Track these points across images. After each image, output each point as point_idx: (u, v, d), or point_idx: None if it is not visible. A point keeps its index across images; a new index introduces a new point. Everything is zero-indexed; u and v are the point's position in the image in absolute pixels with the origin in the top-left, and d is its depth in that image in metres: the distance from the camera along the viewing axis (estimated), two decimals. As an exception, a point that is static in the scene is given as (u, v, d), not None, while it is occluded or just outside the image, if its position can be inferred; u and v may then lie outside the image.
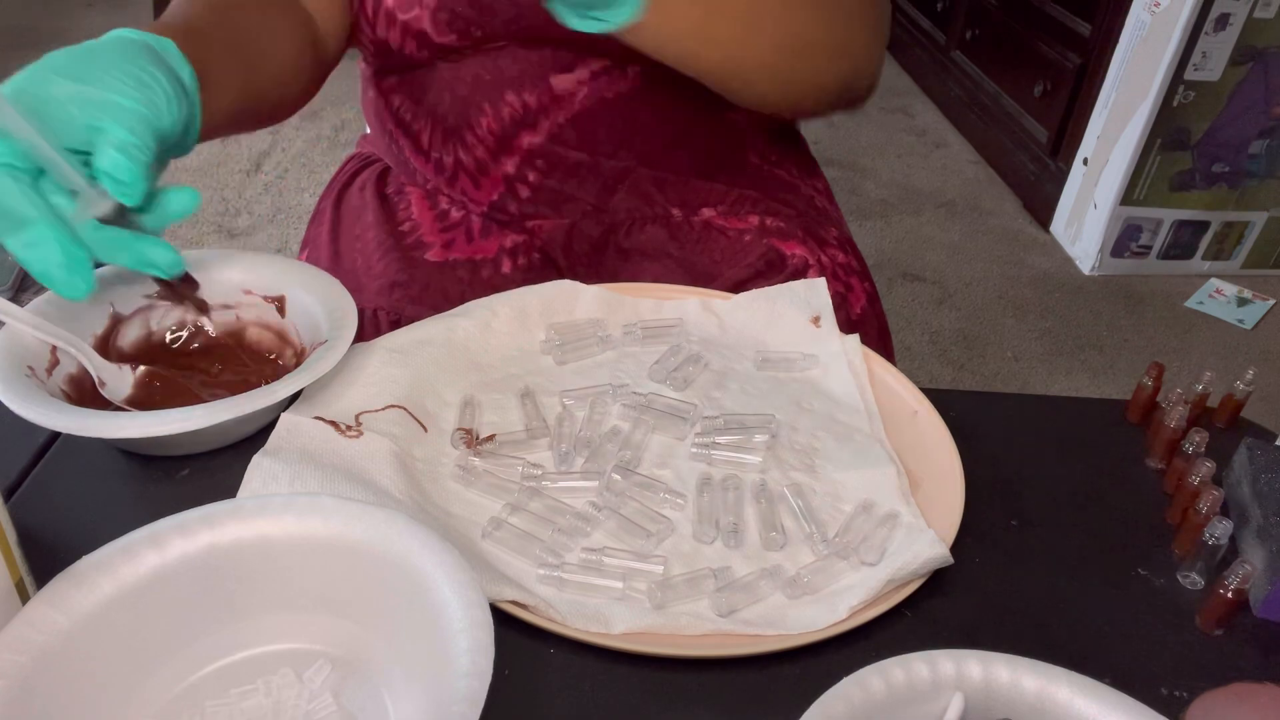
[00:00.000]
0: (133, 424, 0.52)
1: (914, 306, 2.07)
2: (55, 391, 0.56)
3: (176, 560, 0.44)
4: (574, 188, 0.82)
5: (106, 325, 0.61)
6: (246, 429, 0.58)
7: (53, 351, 0.58)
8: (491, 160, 0.81)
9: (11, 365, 0.55)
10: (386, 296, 0.78)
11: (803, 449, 0.60)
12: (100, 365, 0.58)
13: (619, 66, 0.78)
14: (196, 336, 0.65)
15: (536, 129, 0.80)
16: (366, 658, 0.45)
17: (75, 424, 0.51)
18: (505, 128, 0.80)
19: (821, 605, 0.50)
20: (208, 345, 0.65)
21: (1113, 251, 2.18)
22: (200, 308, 0.64)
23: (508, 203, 0.83)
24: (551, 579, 0.50)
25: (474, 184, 0.83)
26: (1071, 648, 0.50)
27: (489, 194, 0.83)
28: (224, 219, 2.18)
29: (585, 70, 0.78)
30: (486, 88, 0.79)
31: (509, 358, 0.66)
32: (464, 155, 0.82)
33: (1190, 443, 0.59)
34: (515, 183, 0.82)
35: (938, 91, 3.00)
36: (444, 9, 0.75)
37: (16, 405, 0.52)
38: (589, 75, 0.78)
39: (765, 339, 0.69)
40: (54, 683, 0.40)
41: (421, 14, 0.76)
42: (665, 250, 0.83)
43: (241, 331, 0.65)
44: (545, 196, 0.82)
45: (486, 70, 0.78)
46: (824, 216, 0.88)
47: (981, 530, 0.56)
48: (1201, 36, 1.90)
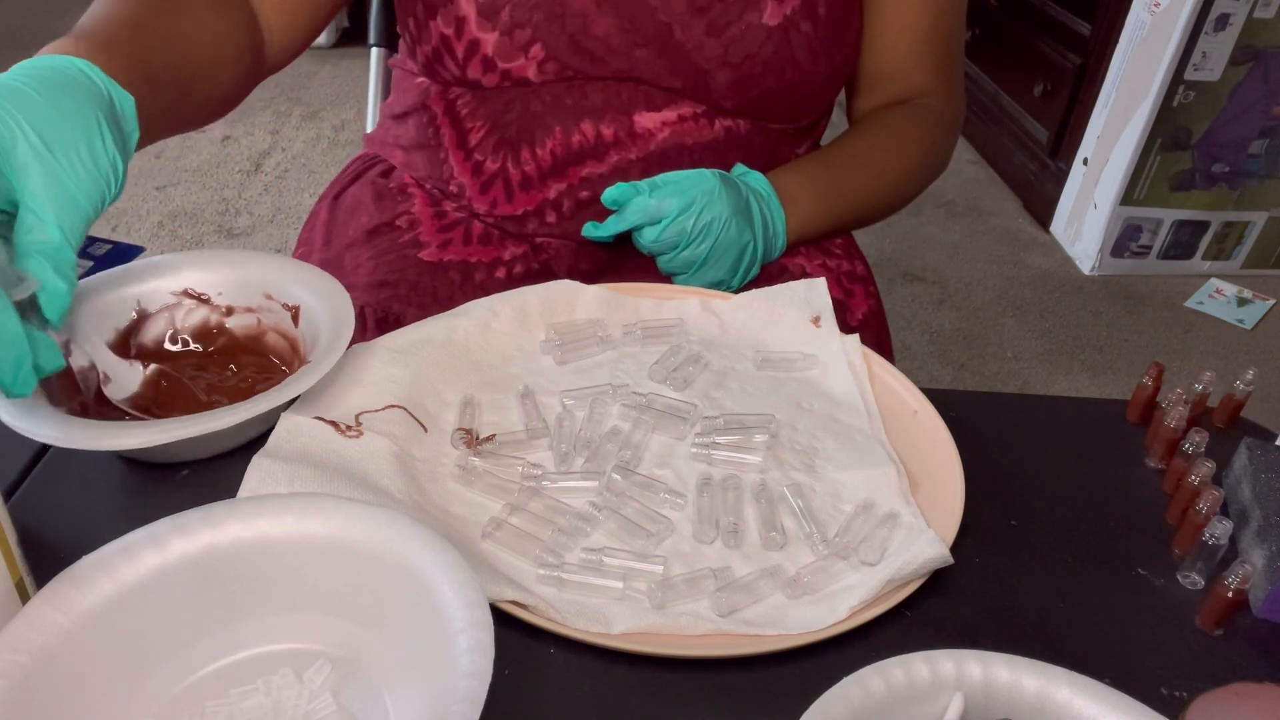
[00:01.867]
0: (127, 435, 0.51)
1: (914, 306, 2.07)
2: (54, 387, 0.56)
3: (176, 560, 0.44)
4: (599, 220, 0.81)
5: (131, 320, 0.62)
6: (240, 438, 0.57)
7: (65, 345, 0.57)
8: (539, 179, 0.79)
9: None
10: (374, 294, 0.78)
11: (803, 449, 0.60)
12: (110, 363, 0.58)
13: (708, 116, 0.79)
14: (219, 336, 0.64)
15: (603, 161, 0.78)
16: (366, 658, 0.45)
17: (64, 436, 0.50)
18: (570, 154, 0.78)
19: (821, 605, 0.50)
20: (228, 346, 0.64)
21: (1113, 251, 2.18)
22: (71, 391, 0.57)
23: (528, 220, 0.81)
24: (551, 579, 0.50)
25: (507, 195, 0.81)
26: (1071, 648, 0.50)
27: (516, 208, 0.81)
28: (224, 219, 2.18)
29: (673, 112, 0.78)
30: (565, 112, 0.77)
31: (509, 358, 0.66)
32: (512, 167, 0.80)
33: (1190, 443, 0.59)
34: (548, 208, 0.80)
35: (938, 91, 2.99)
36: (553, 59, 0.75)
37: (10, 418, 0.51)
38: (676, 118, 0.78)
39: (765, 339, 0.69)
40: (54, 683, 0.40)
41: (527, 64, 0.76)
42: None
43: (261, 336, 0.65)
44: (568, 226, 0.81)
45: (570, 95, 0.77)
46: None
47: (981, 530, 0.56)
48: (1201, 36, 1.90)
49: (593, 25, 0.75)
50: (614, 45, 0.75)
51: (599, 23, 0.75)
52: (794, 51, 0.77)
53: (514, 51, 0.75)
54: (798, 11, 0.76)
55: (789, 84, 0.78)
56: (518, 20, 0.74)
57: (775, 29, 0.76)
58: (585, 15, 0.74)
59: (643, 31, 0.75)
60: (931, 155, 0.88)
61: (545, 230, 0.81)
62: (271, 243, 2.11)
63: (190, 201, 2.23)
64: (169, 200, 2.22)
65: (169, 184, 2.28)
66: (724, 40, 0.75)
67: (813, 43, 0.77)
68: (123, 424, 0.53)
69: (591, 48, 0.75)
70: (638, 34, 0.75)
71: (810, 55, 0.77)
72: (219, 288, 0.64)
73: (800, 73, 0.78)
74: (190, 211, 2.19)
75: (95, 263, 1.24)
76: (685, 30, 0.75)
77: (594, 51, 0.75)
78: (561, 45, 0.75)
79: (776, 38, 0.76)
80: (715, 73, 0.76)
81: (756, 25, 0.75)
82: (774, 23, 0.76)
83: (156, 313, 0.63)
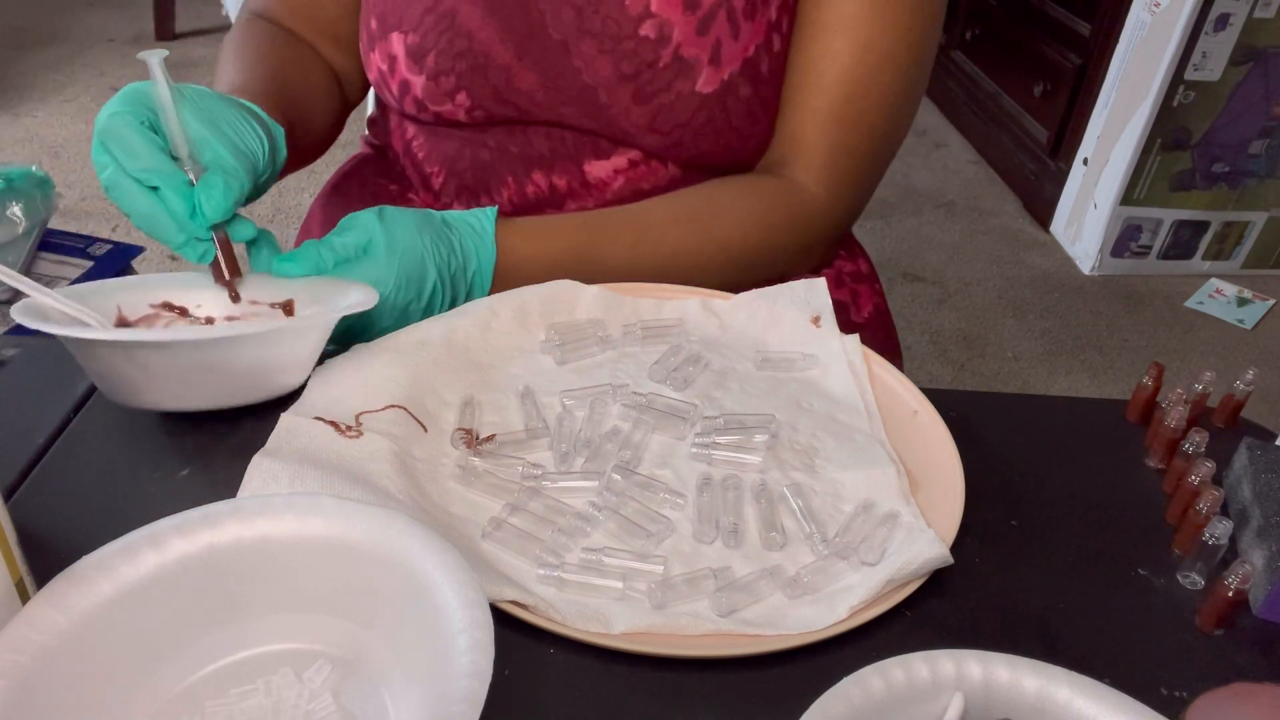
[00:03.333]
0: (134, 333, 0.54)
1: (914, 306, 2.07)
2: None
3: (176, 560, 0.44)
4: None
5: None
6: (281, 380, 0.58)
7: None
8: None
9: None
10: None
11: (803, 449, 0.60)
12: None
13: (659, 160, 0.75)
14: None
15: (562, 209, 0.77)
16: (366, 658, 0.45)
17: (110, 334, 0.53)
18: (527, 203, 0.77)
19: (821, 605, 0.50)
20: None
21: (1113, 251, 2.18)
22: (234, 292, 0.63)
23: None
24: (551, 579, 0.50)
25: None
26: (1071, 648, 0.50)
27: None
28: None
29: (623, 159, 0.75)
30: (512, 160, 0.76)
31: (509, 358, 0.66)
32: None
33: (1190, 443, 0.59)
34: None
35: (938, 91, 3.00)
36: (479, 108, 0.74)
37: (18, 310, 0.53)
38: (626, 164, 0.75)
39: (765, 339, 0.69)
40: (54, 683, 0.40)
41: (455, 109, 0.74)
42: None
43: None
44: None
45: (514, 142, 0.75)
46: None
47: (981, 530, 0.56)
48: (1201, 36, 1.90)
49: (516, 79, 0.73)
50: (539, 100, 0.73)
51: (522, 78, 0.73)
52: (730, 117, 0.73)
53: (441, 97, 0.74)
54: (737, 75, 0.71)
55: (727, 147, 0.74)
56: (442, 67, 0.73)
57: (710, 96, 0.71)
58: (508, 70, 0.73)
59: (566, 91, 0.73)
60: (766, 244, 0.74)
61: None
62: (271, 243, 2.11)
63: (190, 201, 2.23)
64: (169, 200, 2.22)
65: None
66: (651, 109, 0.72)
67: (752, 105, 0.73)
68: (175, 326, 0.58)
69: (516, 100, 0.74)
70: (561, 93, 0.73)
71: (748, 118, 0.73)
72: (198, 300, 0.64)
73: (738, 136, 0.74)
74: (190, 211, 2.19)
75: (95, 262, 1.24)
76: (610, 95, 0.72)
77: (519, 104, 0.74)
78: (486, 96, 0.73)
79: (711, 105, 0.72)
80: (643, 136, 0.73)
81: (688, 94, 0.71)
82: (709, 90, 0.71)
83: (135, 324, 0.62)
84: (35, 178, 1.03)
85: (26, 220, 0.93)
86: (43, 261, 0.93)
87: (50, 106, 2.57)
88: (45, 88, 2.65)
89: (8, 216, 0.91)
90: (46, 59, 2.79)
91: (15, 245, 0.89)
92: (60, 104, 2.58)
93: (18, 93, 2.62)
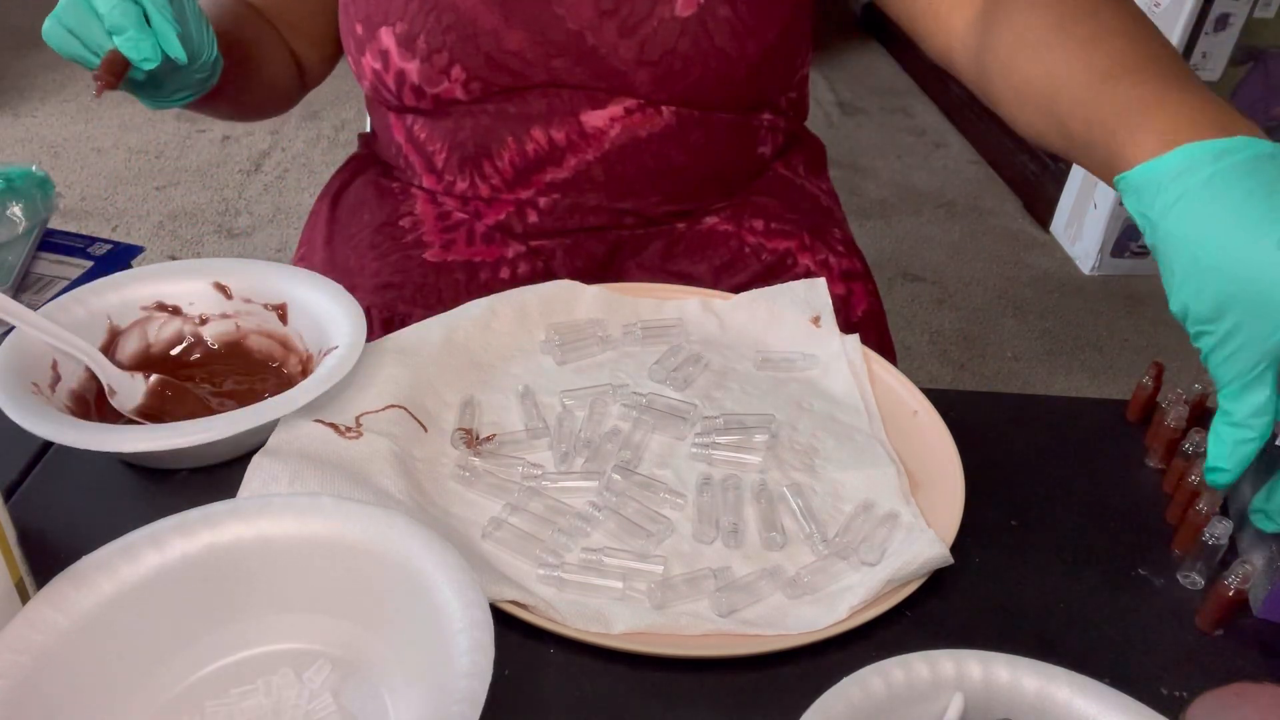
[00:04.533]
0: (148, 437, 0.52)
1: (914, 306, 2.07)
2: (60, 407, 0.56)
3: (176, 560, 0.44)
4: (583, 216, 0.81)
5: (104, 339, 0.61)
6: (259, 439, 0.56)
7: (54, 367, 0.57)
8: (506, 189, 0.81)
9: (17, 380, 0.54)
10: (380, 296, 0.78)
11: (803, 449, 0.60)
12: (112, 374, 0.58)
13: (653, 105, 0.77)
14: (196, 347, 0.64)
15: (562, 165, 0.78)
16: (366, 658, 0.45)
17: (90, 439, 0.51)
18: (528, 163, 0.79)
19: (821, 605, 0.50)
20: (207, 355, 0.64)
21: (1113, 251, 2.18)
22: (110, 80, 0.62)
23: (513, 222, 0.82)
24: (551, 579, 0.50)
25: (486, 204, 0.83)
26: (1071, 648, 0.50)
27: (497, 214, 0.82)
28: (224, 219, 2.18)
29: (619, 107, 0.77)
30: (511, 121, 0.77)
31: (509, 358, 0.66)
32: (480, 183, 0.81)
33: (1190, 443, 0.59)
34: (526, 206, 0.81)
35: (938, 91, 3.00)
36: (475, 79, 0.75)
37: (26, 421, 0.51)
38: (622, 112, 0.77)
39: (765, 339, 0.69)
40: (54, 683, 0.40)
41: (452, 86, 0.76)
42: (664, 267, 0.83)
43: (242, 340, 0.65)
44: (552, 222, 0.82)
45: (512, 104, 0.77)
46: (828, 218, 0.88)
47: (981, 530, 0.56)
48: (1201, 36, 1.90)
49: (504, 41, 0.74)
50: (529, 59, 0.75)
51: (510, 38, 0.74)
52: (714, 39, 0.74)
53: (437, 76, 0.75)
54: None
55: (717, 73, 0.76)
56: (434, 45, 0.74)
57: (690, 19, 0.73)
58: (496, 33, 0.74)
59: (555, 42, 0.74)
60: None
61: (535, 229, 0.82)
62: (272, 243, 2.11)
63: (190, 201, 2.23)
64: (169, 200, 2.22)
65: (169, 184, 2.28)
66: (638, 39, 0.74)
67: (735, 25, 0.75)
68: (149, 426, 0.54)
69: (508, 63, 0.75)
70: (550, 45, 0.74)
71: (734, 39, 0.75)
72: (190, 298, 0.64)
73: (725, 60, 0.75)
74: (190, 211, 2.19)
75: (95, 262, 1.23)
76: (597, 35, 0.74)
77: (511, 66, 0.75)
78: (479, 64, 0.75)
79: (693, 28, 0.74)
80: (634, 73, 0.75)
81: (669, 19, 0.73)
82: (687, 13, 0.73)
83: (128, 328, 0.62)
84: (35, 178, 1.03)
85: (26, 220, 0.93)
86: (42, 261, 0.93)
87: (50, 106, 2.57)
88: (45, 88, 2.65)
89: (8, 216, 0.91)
90: (46, 59, 2.79)
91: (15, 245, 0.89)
92: (60, 104, 2.58)
93: (18, 93, 2.62)
